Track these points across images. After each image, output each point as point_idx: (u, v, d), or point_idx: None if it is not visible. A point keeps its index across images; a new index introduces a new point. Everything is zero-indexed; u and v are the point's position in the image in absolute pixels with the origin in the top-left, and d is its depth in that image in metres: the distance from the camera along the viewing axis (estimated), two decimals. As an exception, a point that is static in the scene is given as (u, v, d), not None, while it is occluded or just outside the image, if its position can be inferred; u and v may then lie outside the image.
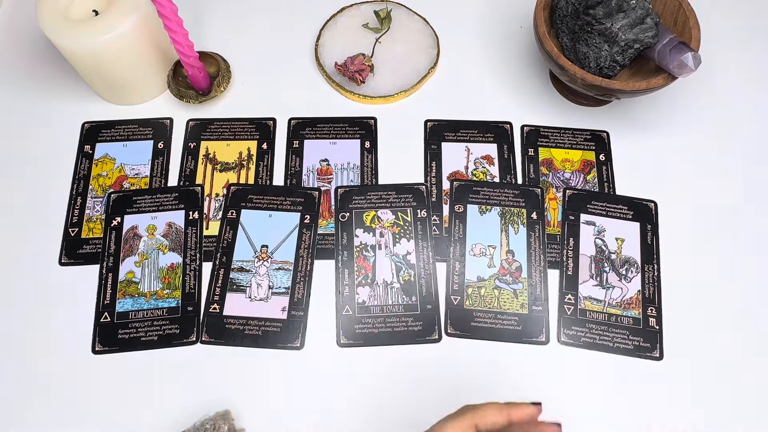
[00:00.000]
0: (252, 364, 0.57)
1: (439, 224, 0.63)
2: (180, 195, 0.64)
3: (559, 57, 0.60)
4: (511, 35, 0.74)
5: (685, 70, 0.57)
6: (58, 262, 0.61)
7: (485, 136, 0.68)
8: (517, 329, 0.58)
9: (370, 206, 0.63)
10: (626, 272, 0.60)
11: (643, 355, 0.57)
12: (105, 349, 0.57)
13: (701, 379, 0.57)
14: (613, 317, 0.58)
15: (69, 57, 0.63)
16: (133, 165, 0.66)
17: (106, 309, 0.58)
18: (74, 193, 0.64)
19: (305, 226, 0.62)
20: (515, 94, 0.70)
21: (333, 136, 0.68)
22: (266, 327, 0.58)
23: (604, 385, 0.56)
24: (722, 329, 0.59)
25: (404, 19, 0.73)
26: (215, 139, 0.67)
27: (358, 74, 0.68)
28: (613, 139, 0.67)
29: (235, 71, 0.71)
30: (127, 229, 0.62)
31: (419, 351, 0.58)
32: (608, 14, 0.60)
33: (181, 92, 0.67)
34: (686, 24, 0.62)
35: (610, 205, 0.63)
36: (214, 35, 0.74)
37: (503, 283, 0.60)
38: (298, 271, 0.60)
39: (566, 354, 0.58)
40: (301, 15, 0.75)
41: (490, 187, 0.64)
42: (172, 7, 0.57)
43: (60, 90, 0.70)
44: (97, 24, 0.60)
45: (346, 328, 0.58)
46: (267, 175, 0.66)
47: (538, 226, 0.62)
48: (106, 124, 0.68)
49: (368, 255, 0.61)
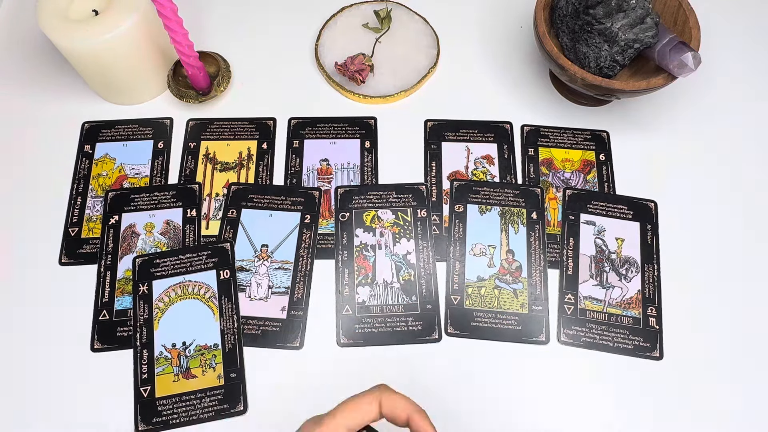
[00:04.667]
0: (252, 364, 0.56)
1: (439, 224, 0.63)
2: (178, 193, 0.64)
3: (559, 57, 0.60)
4: (511, 35, 0.74)
5: (685, 69, 0.57)
6: (58, 262, 0.61)
7: (485, 135, 0.68)
8: (517, 329, 0.58)
9: (370, 206, 0.63)
10: (626, 272, 0.60)
11: (643, 355, 0.57)
12: (104, 347, 0.57)
13: (701, 379, 0.57)
14: (613, 317, 0.58)
15: (69, 57, 0.63)
16: (133, 165, 0.66)
17: (104, 307, 0.58)
18: (74, 193, 0.64)
19: (305, 225, 0.62)
20: (515, 94, 0.70)
21: (333, 136, 0.68)
22: (266, 326, 0.58)
23: (604, 385, 0.56)
24: (722, 329, 0.59)
25: (404, 19, 0.73)
26: (215, 138, 0.67)
27: (358, 74, 0.68)
28: (613, 139, 0.67)
29: (235, 71, 0.71)
30: (125, 227, 0.62)
31: (419, 351, 0.57)
32: (608, 14, 0.60)
33: (181, 92, 0.67)
34: (686, 24, 0.62)
35: (610, 205, 0.63)
36: (214, 35, 0.74)
37: (503, 283, 0.60)
38: (298, 270, 0.60)
39: (566, 354, 0.57)
40: (301, 15, 0.75)
41: (490, 187, 0.64)
42: (172, 7, 0.57)
43: (60, 90, 0.70)
44: (97, 24, 0.60)
45: (346, 327, 0.58)
46: (267, 174, 0.66)
47: (538, 225, 0.62)
48: (106, 124, 0.68)
49: (368, 255, 0.61)
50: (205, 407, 0.54)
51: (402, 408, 0.38)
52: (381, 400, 0.38)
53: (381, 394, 0.38)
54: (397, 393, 0.39)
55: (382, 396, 0.38)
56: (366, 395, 0.38)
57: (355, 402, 0.38)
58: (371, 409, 0.38)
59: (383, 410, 0.38)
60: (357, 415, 0.37)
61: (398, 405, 0.38)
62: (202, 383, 0.55)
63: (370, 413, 0.38)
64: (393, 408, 0.38)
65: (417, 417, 0.38)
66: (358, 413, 0.37)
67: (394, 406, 0.38)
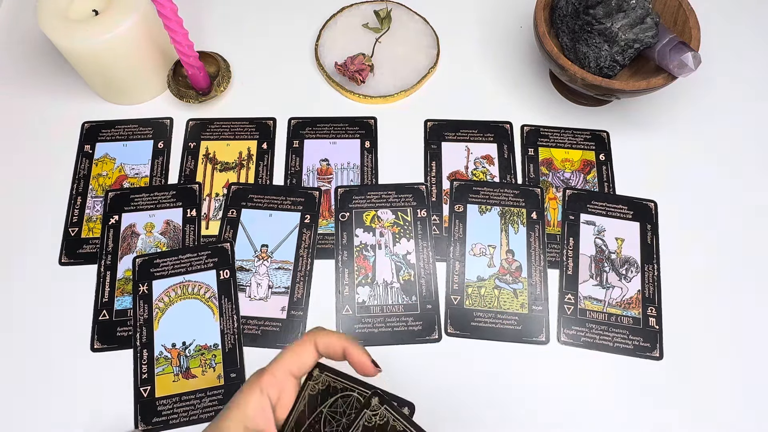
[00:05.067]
0: (252, 364, 0.56)
1: (439, 224, 0.63)
2: (178, 193, 0.64)
3: (559, 57, 0.60)
4: (511, 35, 0.74)
5: (685, 69, 0.57)
6: (58, 262, 0.61)
7: (485, 135, 0.68)
8: (517, 329, 0.58)
9: (370, 206, 0.63)
10: (626, 272, 0.60)
11: (643, 355, 0.57)
12: (104, 347, 0.57)
13: (701, 379, 0.57)
14: (613, 317, 0.58)
15: (69, 57, 0.63)
16: (133, 165, 0.66)
17: (104, 307, 0.58)
18: (74, 193, 0.64)
19: (305, 225, 0.62)
20: (515, 94, 0.70)
21: (333, 135, 0.68)
22: (266, 326, 0.58)
23: (604, 385, 0.56)
24: (722, 329, 0.59)
25: (404, 19, 0.73)
26: (215, 138, 0.67)
27: (358, 74, 0.68)
28: (613, 139, 0.67)
29: (235, 71, 0.71)
30: (124, 227, 0.62)
31: (419, 351, 0.57)
32: (608, 14, 0.60)
33: (181, 92, 0.67)
34: (686, 24, 0.62)
35: (610, 205, 0.63)
36: (214, 35, 0.74)
37: (503, 283, 0.60)
38: (297, 270, 0.60)
39: (566, 354, 0.57)
40: (301, 15, 0.75)
41: (490, 187, 0.64)
42: (172, 7, 0.57)
43: (60, 90, 0.70)
44: (97, 24, 0.60)
45: (346, 327, 0.58)
46: (267, 174, 0.66)
47: (538, 225, 0.62)
48: (106, 124, 0.68)
49: (368, 255, 0.61)
50: (205, 407, 0.54)
51: (337, 343, 0.39)
52: (315, 341, 0.39)
53: (315, 335, 0.39)
54: (331, 330, 0.40)
55: (316, 337, 0.39)
56: (302, 340, 0.39)
57: (292, 348, 0.39)
58: (309, 350, 0.39)
59: (319, 349, 0.39)
60: (297, 359, 0.39)
61: (333, 341, 0.39)
62: (202, 383, 0.55)
63: (309, 354, 0.39)
64: (328, 345, 0.39)
65: (351, 348, 0.39)
66: (297, 357, 0.39)
67: (328, 343, 0.39)
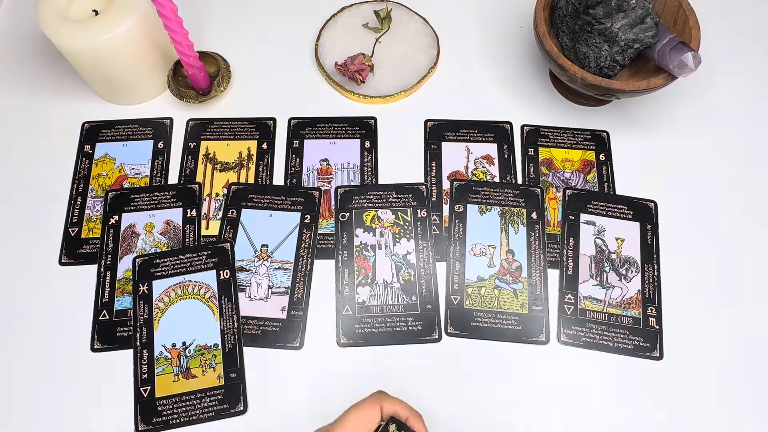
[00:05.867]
0: (252, 364, 0.56)
1: (439, 224, 0.63)
2: (178, 193, 0.64)
3: (559, 57, 0.60)
4: (511, 35, 0.74)
5: (685, 69, 0.57)
6: (58, 262, 0.61)
7: (485, 135, 0.68)
8: (517, 329, 0.58)
9: (370, 206, 0.63)
10: (626, 272, 0.60)
11: (643, 355, 0.57)
12: (104, 347, 0.57)
13: (701, 379, 0.57)
14: (613, 317, 0.58)
15: (69, 57, 0.63)
16: (133, 165, 0.66)
17: (104, 307, 0.58)
18: (74, 193, 0.64)
19: (305, 225, 0.62)
20: (515, 94, 0.70)
21: (333, 136, 0.68)
22: (266, 326, 0.58)
23: (604, 385, 0.56)
24: (722, 329, 0.59)
25: (404, 19, 0.73)
26: (215, 138, 0.67)
27: (358, 74, 0.68)
28: (613, 139, 0.67)
29: (235, 71, 0.71)
30: (125, 227, 0.62)
31: (419, 351, 0.57)
32: (608, 14, 0.60)
33: (181, 92, 0.67)
34: (686, 24, 0.62)
35: (610, 205, 0.63)
36: (214, 35, 0.74)
37: (503, 283, 0.60)
38: (298, 270, 0.60)
39: (566, 354, 0.57)
40: (301, 15, 0.75)
41: (490, 187, 0.64)
42: (172, 7, 0.57)
43: (60, 90, 0.70)
44: (97, 24, 0.60)
45: (346, 327, 0.58)
46: (267, 174, 0.66)
47: (538, 225, 0.62)
48: (106, 124, 0.68)
49: (368, 255, 0.61)
50: (205, 407, 0.54)
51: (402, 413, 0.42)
52: (382, 405, 0.41)
53: (381, 400, 0.42)
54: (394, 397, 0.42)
55: (382, 402, 0.42)
56: (368, 402, 0.41)
57: (359, 410, 0.42)
58: (375, 415, 0.41)
59: (384, 415, 0.41)
60: (363, 423, 0.41)
61: (398, 410, 0.42)
62: (202, 383, 0.55)
63: (375, 419, 0.41)
64: (393, 412, 0.42)
65: (413, 420, 0.42)
66: (364, 422, 0.41)
67: (394, 410, 0.42)
